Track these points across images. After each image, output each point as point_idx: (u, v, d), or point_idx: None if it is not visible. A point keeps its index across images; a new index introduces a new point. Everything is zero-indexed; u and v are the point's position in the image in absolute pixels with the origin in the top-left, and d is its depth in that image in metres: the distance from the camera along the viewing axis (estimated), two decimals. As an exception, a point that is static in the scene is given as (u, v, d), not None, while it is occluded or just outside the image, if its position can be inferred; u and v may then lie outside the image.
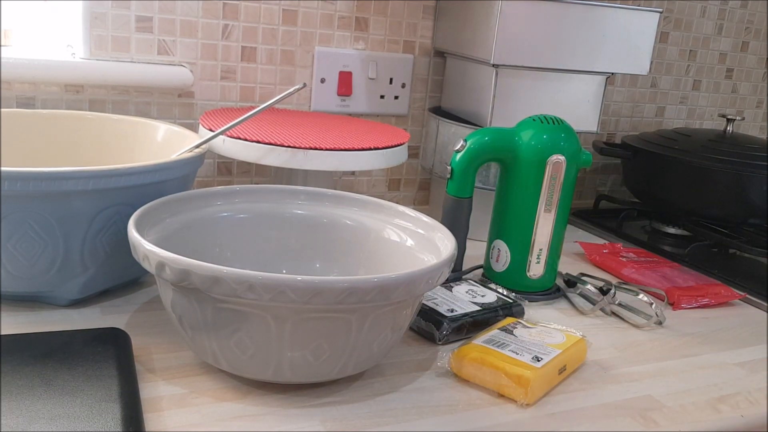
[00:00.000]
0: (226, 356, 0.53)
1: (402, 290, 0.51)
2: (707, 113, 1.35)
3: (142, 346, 0.60)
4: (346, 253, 0.70)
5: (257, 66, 0.96)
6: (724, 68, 1.33)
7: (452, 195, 0.76)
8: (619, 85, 1.24)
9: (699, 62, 1.30)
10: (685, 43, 1.27)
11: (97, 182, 0.59)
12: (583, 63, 0.92)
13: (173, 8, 0.89)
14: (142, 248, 0.51)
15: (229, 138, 0.76)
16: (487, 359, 0.58)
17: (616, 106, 1.25)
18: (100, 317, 0.65)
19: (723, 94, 1.35)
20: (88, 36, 0.86)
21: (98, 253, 0.63)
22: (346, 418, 0.53)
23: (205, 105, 0.95)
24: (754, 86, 1.39)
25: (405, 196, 1.11)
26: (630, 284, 0.80)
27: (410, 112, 1.07)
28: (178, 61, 0.92)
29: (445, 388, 0.59)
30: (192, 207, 0.66)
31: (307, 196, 0.71)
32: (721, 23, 1.29)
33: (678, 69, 1.28)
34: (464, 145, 0.75)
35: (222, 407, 0.53)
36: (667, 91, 1.28)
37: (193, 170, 0.70)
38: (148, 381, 0.55)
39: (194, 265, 0.48)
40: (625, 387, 0.62)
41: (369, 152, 0.77)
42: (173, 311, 0.54)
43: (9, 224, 0.58)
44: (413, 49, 1.05)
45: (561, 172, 0.75)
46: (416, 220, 0.67)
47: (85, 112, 0.82)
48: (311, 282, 0.47)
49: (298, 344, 0.51)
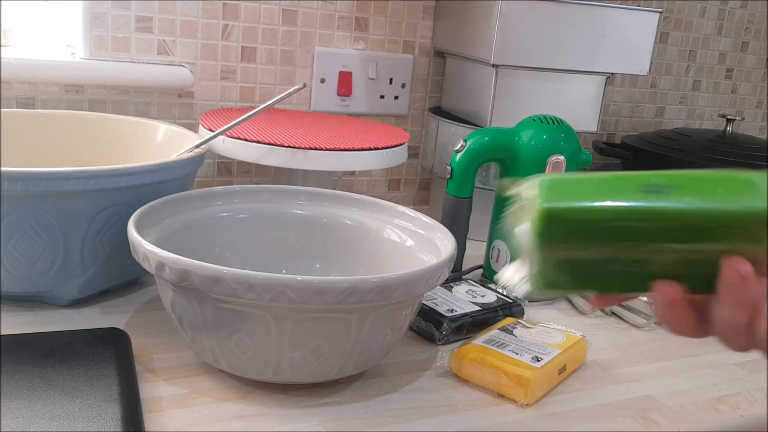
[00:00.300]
0: (225, 356, 0.53)
1: (402, 290, 0.51)
2: (707, 113, 1.35)
3: (142, 346, 0.60)
4: (346, 253, 0.70)
5: (257, 66, 0.96)
6: (724, 68, 1.33)
7: (452, 195, 0.76)
8: (619, 85, 1.24)
9: (699, 62, 1.30)
10: (684, 44, 1.27)
11: (97, 182, 0.59)
12: (583, 63, 0.92)
13: (173, 8, 0.89)
14: (142, 248, 0.51)
15: (229, 138, 0.76)
16: (486, 359, 0.58)
17: (616, 106, 1.25)
18: (100, 317, 0.65)
19: (723, 95, 1.35)
20: (88, 36, 0.86)
21: (98, 253, 0.63)
22: (346, 419, 0.53)
23: (205, 105, 0.95)
24: (754, 86, 1.39)
25: (405, 196, 1.11)
26: (630, 284, 0.80)
27: (410, 112, 1.07)
28: (178, 61, 0.92)
29: (444, 389, 0.59)
30: (192, 207, 0.66)
31: (307, 196, 0.71)
32: (721, 23, 1.29)
33: (678, 69, 1.28)
34: (464, 145, 0.75)
35: (222, 407, 0.53)
36: (666, 91, 1.28)
37: (193, 170, 0.69)
38: (147, 381, 0.55)
39: (194, 265, 0.48)
40: (625, 387, 0.62)
41: (369, 152, 0.77)
42: (173, 311, 0.54)
43: (9, 224, 0.58)
44: (413, 49, 1.05)
45: (561, 172, 0.75)
46: (416, 220, 0.67)
47: (84, 112, 0.82)
48: (311, 282, 0.47)
49: (298, 344, 0.51)
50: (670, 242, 0.38)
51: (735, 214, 0.37)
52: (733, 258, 0.37)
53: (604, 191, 0.38)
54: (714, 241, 0.37)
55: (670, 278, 0.39)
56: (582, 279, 0.40)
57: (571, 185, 0.38)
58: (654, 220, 0.37)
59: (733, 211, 0.37)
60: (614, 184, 0.38)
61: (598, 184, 0.38)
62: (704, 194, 0.37)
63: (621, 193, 0.38)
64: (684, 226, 0.37)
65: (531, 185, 0.39)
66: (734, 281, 0.37)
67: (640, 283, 0.40)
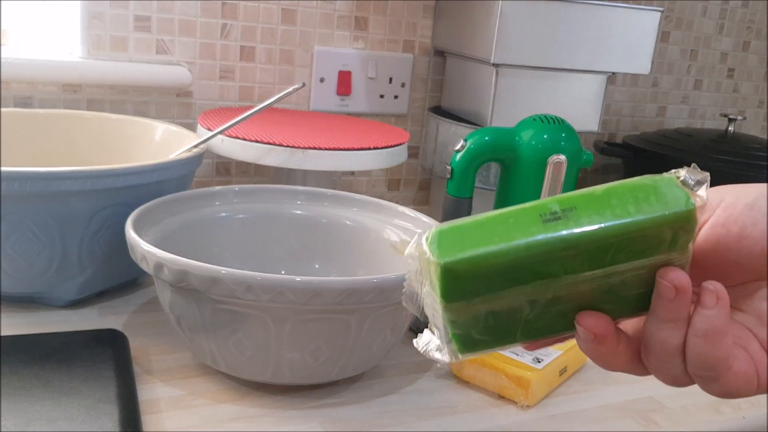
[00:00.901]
0: (224, 357, 0.52)
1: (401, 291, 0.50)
2: (708, 113, 1.35)
3: (140, 348, 0.60)
4: (345, 253, 0.69)
5: (256, 65, 0.96)
6: (726, 68, 1.33)
7: (452, 195, 0.76)
8: (620, 84, 1.23)
9: (700, 62, 1.29)
10: (686, 43, 1.26)
11: (94, 182, 0.59)
12: (584, 62, 0.92)
13: (171, 8, 0.89)
14: (140, 249, 0.51)
15: (228, 138, 0.75)
16: (487, 360, 0.58)
17: (617, 105, 1.24)
18: (97, 318, 0.64)
19: (724, 94, 1.35)
20: (86, 35, 0.86)
21: (96, 253, 0.63)
22: (345, 420, 0.53)
23: (204, 104, 0.94)
24: (756, 86, 1.38)
25: (405, 196, 1.11)
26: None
27: (410, 111, 1.07)
28: (177, 60, 0.91)
29: (445, 390, 0.58)
30: (190, 207, 0.65)
31: (307, 196, 0.71)
32: (723, 22, 1.29)
33: (679, 68, 1.28)
34: (464, 145, 0.75)
35: (220, 409, 0.52)
36: (668, 90, 1.28)
37: (191, 170, 0.69)
38: (146, 382, 0.55)
39: (192, 265, 0.48)
40: (626, 388, 0.62)
41: (368, 152, 0.77)
42: (171, 312, 0.54)
43: (6, 224, 0.58)
44: (413, 48, 1.04)
45: (562, 172, 0.75)
46: (416, 220, 0.67)
47: (83, 111, 0.82)
48: (310, 283, 0.47)
49: (297, 345, 0.51)
50: (584, 270, 0.33)
51: (640, 224, 0.32)
52: (668, 269, 0.33)
53: (502, 230, 0.33)
54: (630, 259, 0.33)
55: (597, 309, 0.35)
56: (503, 332, 0.36)
57: (464, 232, 0.34)
58: (559, 251, 0.33)
59: (637, 222, 0.32)
60: (511, 220, 0.34)
61: (493, 225, 0.34)
62: (604, 210, 0.33)
63: (519, 229, 0.33)
64: (592, 250, 0.33)
65: (422, 241, 0.35)
66: (668, 295, 0.33)
67: (567, 322, 0.35)
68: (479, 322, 0.35)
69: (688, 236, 0.33)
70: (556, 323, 0.36)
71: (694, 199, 0.33)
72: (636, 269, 0.34)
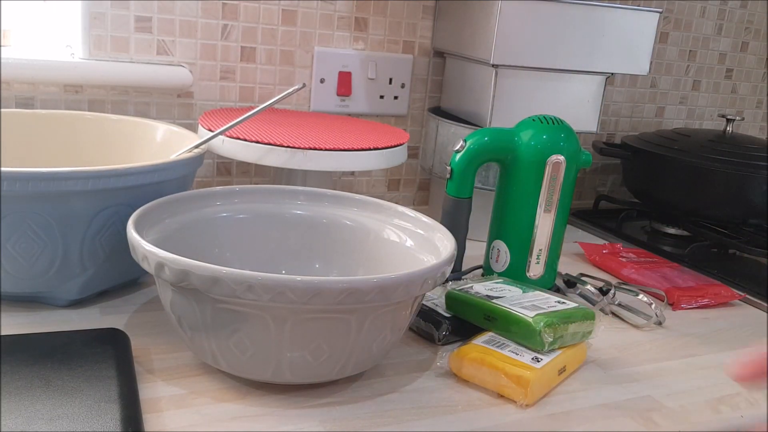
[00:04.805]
0: (225, 357, 0.53)
1: (401, 290, 0.51)
2: (707, 113, 1.35)
3: (141, 347, 0.60)
4: (345, 253, 0.70)
5: (256, 66, 0.96)
6: (724, 68, 1.33)
7: (452, 195, 0.76)
8: (619, 85, 1.24)
9: (699, 62, 1.30)
10: (684, 44, 1.27)
11: (96, 182, 0.59)
12: (583, 63, 0.92)
13: (172, 8, 0.89)
14: (141, 248, 0.51)
15: (229, 138, 0.75)
16: (486, 359, 0.58)
17: (616, 106, 1.25)
18: (99, 318, 0.64)
19: (723, 95, 1.35)
20: (87, 36, 0.86)
21: (97, 253, 0.63)
22: (346, 419, 0.53)
23: (205, 105, 0.95)
24: (754, 86, 1.39)
25: (404, 197, 1.11)
26: (630, 284, 0.80)
27: (410, 112, 1.07)
28: (178, 61, 0.92)
29: (444, 389, 0.58)
30: (191, 207, 0.66)
31: (307, 197, 0.71)
32: (721, 23, 1.29)
33: (678, 69, 1.28)
34: (464, 146, 0.75)
35: (221, 408, 0.53)
36: (666, 91, 1.28)
37: (192, 170, 0.69)
38: (147, 381, 0.55)
39: (193, 265, 0.48)
40: (625, 387, 0.62)
41: (368, 152, 0.77)
42: (172, 312, 0.54)
43: (8, 225, 0.58)
44: (413, 49, 1.04)
45: (561, 173, 0.75)
46: (416, 220, 0.67)
47: (84, 112, 0.82)
48: (310, 282, 0.47)
49: (298, 345, 0.51)
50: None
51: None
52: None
53: None
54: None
55: None
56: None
57: None
58: None
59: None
60: None
61: None
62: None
63: None
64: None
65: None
66: None
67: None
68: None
69: None
70: None
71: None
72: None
